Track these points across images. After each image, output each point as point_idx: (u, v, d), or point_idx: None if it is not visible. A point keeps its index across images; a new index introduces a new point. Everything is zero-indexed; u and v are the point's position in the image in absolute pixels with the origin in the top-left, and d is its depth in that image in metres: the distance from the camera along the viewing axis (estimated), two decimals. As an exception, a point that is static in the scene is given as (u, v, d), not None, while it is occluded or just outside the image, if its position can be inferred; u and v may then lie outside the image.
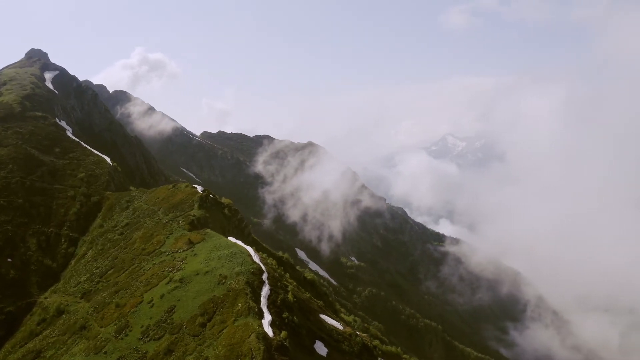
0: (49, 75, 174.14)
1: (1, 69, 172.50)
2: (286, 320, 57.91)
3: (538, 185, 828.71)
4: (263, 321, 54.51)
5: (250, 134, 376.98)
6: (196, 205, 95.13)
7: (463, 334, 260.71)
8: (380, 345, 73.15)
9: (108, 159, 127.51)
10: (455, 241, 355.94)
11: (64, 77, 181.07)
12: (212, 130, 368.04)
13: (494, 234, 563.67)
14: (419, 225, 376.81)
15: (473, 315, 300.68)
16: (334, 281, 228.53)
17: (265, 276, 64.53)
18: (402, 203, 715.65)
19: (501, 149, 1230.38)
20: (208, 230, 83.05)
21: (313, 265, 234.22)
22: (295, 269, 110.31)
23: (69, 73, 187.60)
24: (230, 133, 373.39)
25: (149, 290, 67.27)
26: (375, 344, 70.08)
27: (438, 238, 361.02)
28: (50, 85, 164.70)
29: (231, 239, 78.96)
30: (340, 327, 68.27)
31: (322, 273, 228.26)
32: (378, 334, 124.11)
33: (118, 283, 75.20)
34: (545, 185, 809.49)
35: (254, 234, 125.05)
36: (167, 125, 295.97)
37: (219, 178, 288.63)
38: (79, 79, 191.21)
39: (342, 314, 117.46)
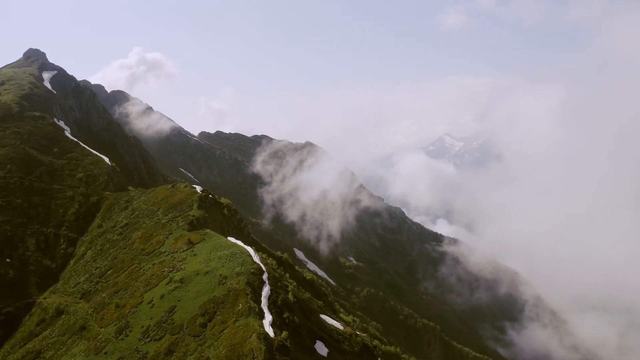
0: (47, 75, 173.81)
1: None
2: (287, 320, 57.92)
3: (536, 185, 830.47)
4: (264, 321, 54.50)
5: (247, 134, 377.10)
6: (195, 206, 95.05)
7: (461, 333, 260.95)
8: (380, 345, 73.12)
9: (107, 159, 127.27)
10: (453, 241, 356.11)
11: (62, 77, 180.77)
12: (210, 130, 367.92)
13: (492, 234, 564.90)
14: (417, 225, 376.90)
15: (471, 315, 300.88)
16: (332, 281, 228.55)
17: (265, 276, 64.53)
18: (400, 203, 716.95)
19: (499, 149, 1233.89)
20: (208, 230, 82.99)
21: (311, 265, 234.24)
22: (295, 269, 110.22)
23: (67, 73, 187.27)
24: (228, 133, 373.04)
25: (149, 290, 67.19)
26: (375, 344, 70.10)
27: (436, 238, 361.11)
28: (49, 85, 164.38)
29: (231, 239, 78.91)
30: (341, 327, 68.29)
31: (321, 273, 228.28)
32: (377, 334, 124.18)
33: (118, 283, 75.06)
34: (543, 185, 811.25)
35: (252, 234, 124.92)
36: (165, 125, 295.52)
37: (217, 178, 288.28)
38: (77, 79, 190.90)
39: (341, 314, 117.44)
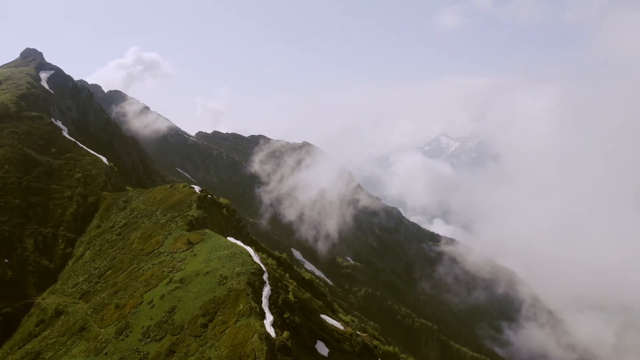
0: (44, 75, 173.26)
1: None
2: (287, 320, 57.89)
3: (533, 185, 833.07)
4: (265, 321, 54.49)
5: (244, 134, 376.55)
6: (194, 206, 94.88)
7: (458, 333, 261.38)
8: (380, 345, 73.16)
9: (104, 159, 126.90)
10: (450, 241, 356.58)
11: (59, 77, 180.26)
12: (207, 130, 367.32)
13: (489, 234, 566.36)
14: (414, 225, 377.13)
15: (468, 314, 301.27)
16: (329, 281, 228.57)
17: (266, 276, 64.48)
18: (397, 203, 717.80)
19: (496, 149, 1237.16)
20: (207, 230, 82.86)
21: (309, 266, 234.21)
22: (294, 269, 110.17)
23: (64, 73, 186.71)
24: (225, 133, 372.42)
25: (149, 290, 67.06)
26: (375, 344, 70.13)
27: (433, 238, 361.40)
28: (46, 85, 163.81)
29: (230, 239, 78.81)
30: (341, 327, 68.28)
31: (318, 273, 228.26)
32: (375, 333, 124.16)
33: (117, 284, 74.88)
34: (541, 185, 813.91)
35: (250, 234, 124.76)
36: (162, 124, 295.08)
37: (214, 178, 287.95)
38: (74, 78, 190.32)
39: (340, 314, 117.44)
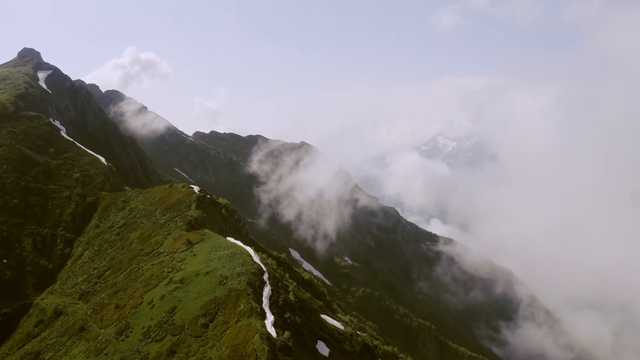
0: (42, 75, 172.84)
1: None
2: (288, 320, 57.88)
3: (531, 185, 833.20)
4: (266, 321, 54.45)
5: (242, 134, 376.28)
6: (193, 206, 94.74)
7: (456, 333, 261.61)
8: (380, 345, 73.18)
9: (103, 159, 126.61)
10: (448, 241, 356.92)
11: (57, 77, 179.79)
12: (204, 130, 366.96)
13: (487, 234, 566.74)
14: (412, 225, 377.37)
15: (466, 314, 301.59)
16: (327, 281, 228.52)
17: (266, 276, 64.43)
18: (394, 203, 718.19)
19: (493, 149, 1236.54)
20: (206, 230, 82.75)
21: (307, 266, 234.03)
22: (293, 269, 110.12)
23: (62, 73, 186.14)
24: (223, 133, 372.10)
25: (149, 291, 66.94)
26: (376, 344, 70.14)
27: (430, 238, 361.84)
28: (44, 85, 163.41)
29: (230, 239, 78.71)
30: (341, 327, 68.27)
31: (316, 273, 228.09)
32: (374, 333, 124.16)
33: (116, 284, 74.71)
34: (538, 185, 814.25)
35: (249, 234, 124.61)
36: (160, 124, 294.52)
37: (212, 178, 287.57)
38: (71, 78, 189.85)
39: (339, 314, 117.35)
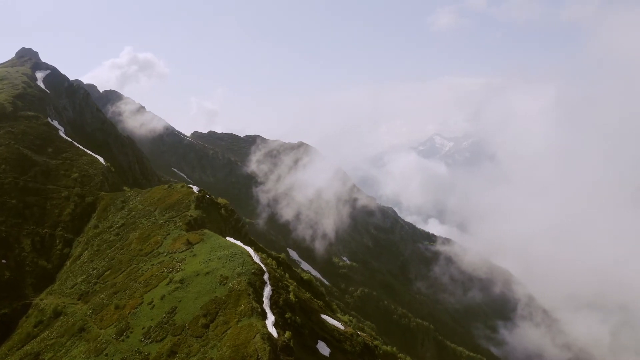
0: (40, 75, 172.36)
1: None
2: (289, 320, 57.84)
3: (529, 185, 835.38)
4: (267, 322, 54.38)
5: (240, 134, 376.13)
6: (193, 206, 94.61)
7: (454, 333, 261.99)
8: (380, 345, 73.20)
9: (101, 159, 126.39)
10: (446, 241, 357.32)
11: (55, 77, 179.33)
12: (202, 130, 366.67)
13: (485, 234, 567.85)
14: (409, 225, 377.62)
15: (464, 314, 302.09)
16: (326, 281, 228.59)
17: (266, 276, 64.36)
18: (392, 202, 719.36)
19: (491, 148, 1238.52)
20: (206, 230, 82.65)
21: (305, 266, 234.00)
22: (293, 269, 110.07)
23: (60, 72, 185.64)
24: (221, 133, 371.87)
25: (149, 291, 66.83)
26: (376, 343, 70.16)
27: (428, 238, 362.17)
28: (42, 85, 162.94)
29: (230, 239, 78.65)
30: (342, 327, 68.26)
31: (315, 273, 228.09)
32: (373, 333, 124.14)
33: (116, 284, 74.58)
34: (536, 185, 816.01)
35: (249, 234, 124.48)
36: (158, 123, 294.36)
37: (210, 178, 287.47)
38: (69, 78, 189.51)
39: (338, 314, 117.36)
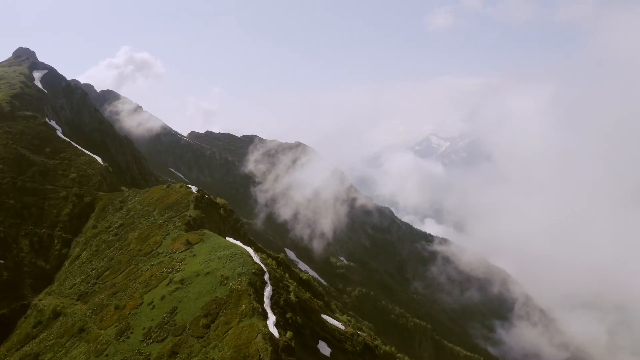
0: (37, 75, 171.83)
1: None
2: (290, 320, 57.83)
3: (526, 184, 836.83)
4: (268, 322, 54.34)
5: (237, 134, 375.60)
6: (192, 206, 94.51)
7: (452, 332, 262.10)
8: (381, 345, 73.24)
9: (99, 159, 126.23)
10: (443, 241, 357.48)
11: (52, 77, 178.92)
12: (199, 130, 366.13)
13: (481, 233, 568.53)
14: (406, 225, 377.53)
15: (461, 314, 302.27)
16: (323, 281, 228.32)
17: (267, 277, 64.32)
18: (389, 202, 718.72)
19: (487, 148, 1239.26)
20: (206, 230, 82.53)
21: (303, 266, 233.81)
22: (292, 269, 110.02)
23: (57, 72, 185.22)
24: (218, 133, 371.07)
25: (149, 291, 66.70)
26: (376, 343, 70.18)
27: (426, 237, 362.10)
28: (39, 85, 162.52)
29: (230, 240, 78.54)
30: (342, 327, 68.26)
31: (312, 273, 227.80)
32: (371, 333, 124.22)
33: (115, 284, 74.40)
34: (534, 185, 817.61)
35: (247, 234, 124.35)
36: (156, 123, 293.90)
37: (207, 178, 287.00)
38: (66, 78, 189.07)
39: (337, 314, 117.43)
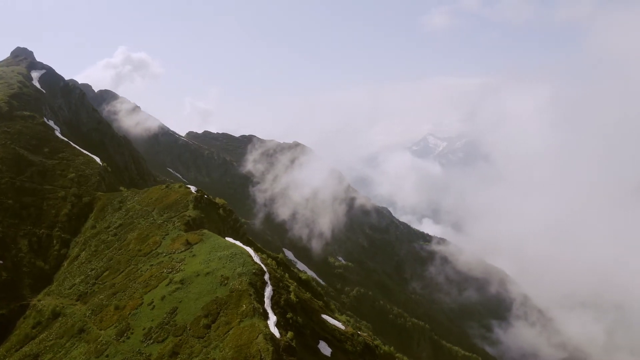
0: (35, 74, 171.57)
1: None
2: (290, 320, 57.78)
3: (524, 184, 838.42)
4: (269, 322, 54.27)
5: (234, 134, 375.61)
6: (191, 206, 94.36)
7: (450, 332, 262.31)
8: (381, 344, 73.26)
9: (98, 159, 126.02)
10: (441, 241, 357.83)
11: (50, 76, 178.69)
12: (196, 129, 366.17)
13: (479, 233, 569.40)
14: (404, 225, 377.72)
15: (459, 313, 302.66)
16: (322, 281, 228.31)
17: (267, 277, 64.24)
18: (387, 202, 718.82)
19: (485, 148, 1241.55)
20: (205, 230, 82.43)
21: (301, 266, 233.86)
22: (291, 269, 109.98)
23: (55, 72, 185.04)
24: (216, 133, 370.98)
25: (149, 291, 66.56)
26: (377, 343, 70.18)
27: (423, 237, 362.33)
28: (37, 85, 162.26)
29: (229, 240, 78.47)
30: (342, 327, 68.24)
31: (310, 273, 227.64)
32: (370, 333, 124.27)
33: (115, 285, 74.25)
34: (532, 185, 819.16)
35: (247, 234, 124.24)
36: (154, 123, 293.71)
37: (205, 178, 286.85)
38: (65, 78, 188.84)
39: (337, 314, 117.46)
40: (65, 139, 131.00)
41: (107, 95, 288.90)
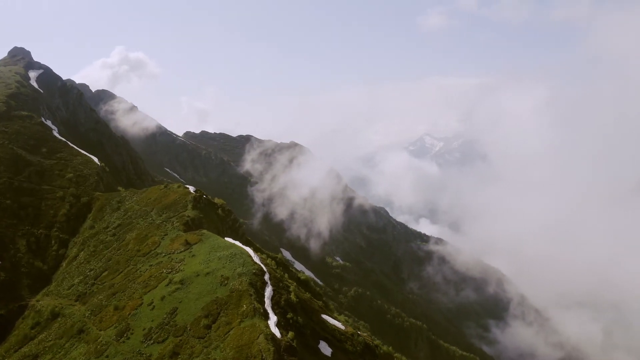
0: (33, 74, 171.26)
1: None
2: (291, 320, 57.75)
3: (521, 184, 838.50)
4: (269, 322, 54.27)
5: (232, 134, 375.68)
6: (190, 206, 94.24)
7: (447, 332, 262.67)
8: (381, 344, 73.29)
9: (96, 159, 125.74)
10: (439, 241, 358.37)
11: (48, 76, 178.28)
12: (194, 129, 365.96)
13: (476, 233, 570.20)
14: (402, 225, 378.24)
15: (456, 313, 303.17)
16: (319, 281, 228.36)
17: (267, 277, 64.19)
18: (384, 202, 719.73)
19: (482, 148, 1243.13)
20: (204, 231, 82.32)
21: (299, 266, 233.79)
22: (291, 269, 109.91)
23: (53, 72, 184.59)
24: (213, 133, 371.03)
25: (148, 292, 66.45)
26: (377, 343, 70.22)
27: (421, 237, 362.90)
28: (35, 84, 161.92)
29: (229, 240, 78.39)
30: (342, 327, 68.25)
31: (308, 273, 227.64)
32: (369, 333, 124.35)
33: (114, 285, 74.12)
34: (529, 185, 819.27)
35: (245, 234, 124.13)
36: (151, 123, 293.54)
37: (203, 178, 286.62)
38: (62, 78, 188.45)
39: (336, 314, 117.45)
40: (63, 139, 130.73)
41: (105, 95, 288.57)
